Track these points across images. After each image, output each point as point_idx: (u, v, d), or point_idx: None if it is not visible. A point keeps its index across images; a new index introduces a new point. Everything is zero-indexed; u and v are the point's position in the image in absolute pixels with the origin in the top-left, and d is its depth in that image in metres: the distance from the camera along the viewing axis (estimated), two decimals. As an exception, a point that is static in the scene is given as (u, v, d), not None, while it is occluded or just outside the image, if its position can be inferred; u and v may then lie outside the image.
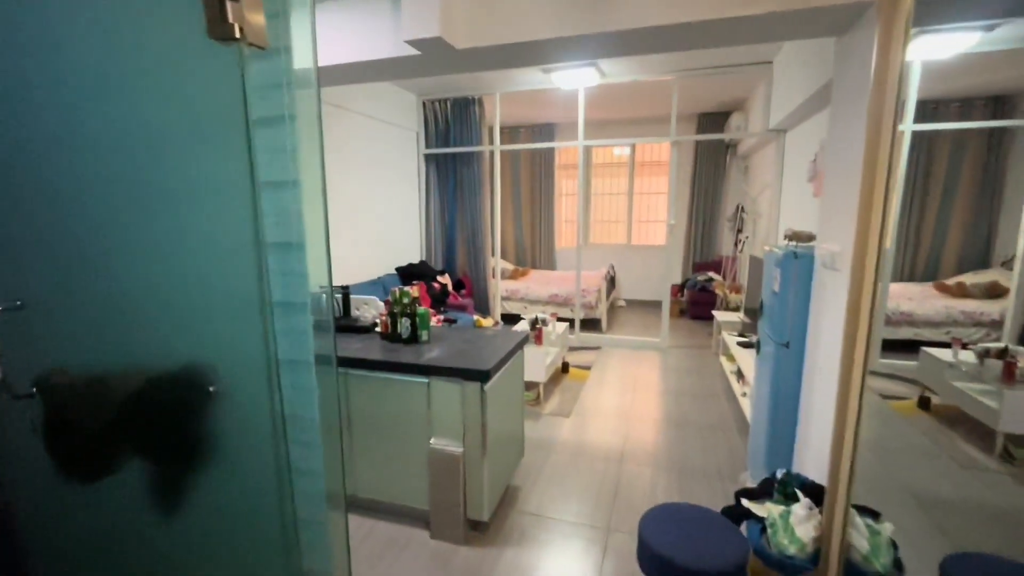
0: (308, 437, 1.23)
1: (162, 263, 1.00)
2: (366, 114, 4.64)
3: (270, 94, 1.07)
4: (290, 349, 1.19)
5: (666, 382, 4.17)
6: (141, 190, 1.06)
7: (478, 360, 2.10)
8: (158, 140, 0.95)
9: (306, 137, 1.14)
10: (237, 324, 1.03)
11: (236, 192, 0.95)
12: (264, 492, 1.12)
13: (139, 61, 1.03)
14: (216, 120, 0.94)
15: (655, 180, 7.37)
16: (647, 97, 5.71)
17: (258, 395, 1.09)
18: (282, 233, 1.12)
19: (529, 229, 7.68)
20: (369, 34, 2.21)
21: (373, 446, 2.24)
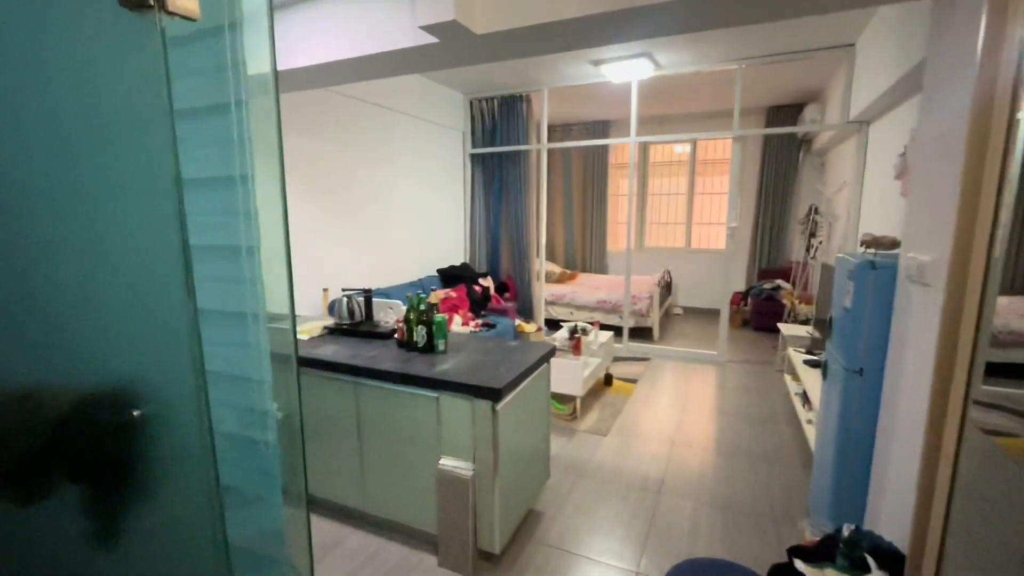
0: (263, 463, 1.09)
1: (69, 269, 0.86)
2: (411, 114, 4.59)
3: (212, 77, 0.94)
4: (239, 365, 1.05)
5: (721, 401, 3.78)
6: (37, 187, 0.90)
7: (491, 376, 1.91)
8: (61, 131, 0.83)
9: (262, 128, 1.00)
10: (165, 339, 0.91)
11: (158, 190, 0.82)
12: (201, 528, 0.99)
13: (32, 32, 0.87)
14: (134, 107, 0.82)
15: (719, 180, 6.86)
16: (710, 90, 5.28)
17: (191, 419, 0.96)
18: (226, 236, 0.98)
19: (580, 231, 7.40)
20: (385, 24, 2.09)
21: (383, 461, 2.11)
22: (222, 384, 1.07)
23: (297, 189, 3.51)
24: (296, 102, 3.42)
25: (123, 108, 0.83)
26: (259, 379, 1.05)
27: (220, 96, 0.93)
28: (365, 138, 4.09)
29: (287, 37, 2.38)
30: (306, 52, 2.33)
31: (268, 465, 1.08)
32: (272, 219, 1.02)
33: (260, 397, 1.06)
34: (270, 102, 0.99)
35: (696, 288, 6.94)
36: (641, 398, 3.85)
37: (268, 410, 1.06)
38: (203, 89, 0.94)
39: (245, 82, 0.95)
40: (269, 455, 1.08)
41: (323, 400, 2.20)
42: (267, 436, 1.07)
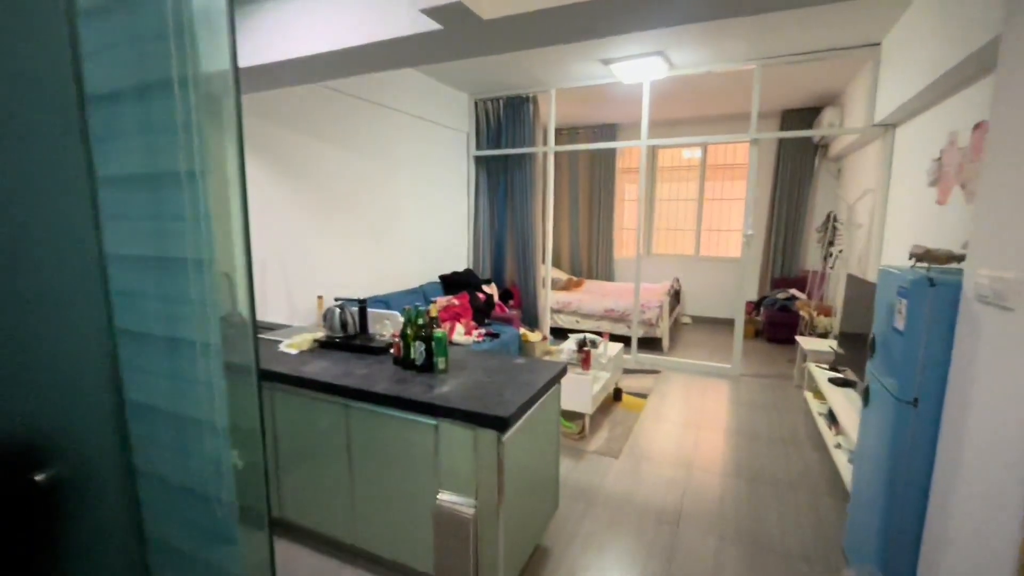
0: (216, 525, 0.88)
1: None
2: (414, 114, 4.40)
3: (146, 49, 0.74)
4: (184, 403, 0.85)
5: (737, 419, 3.57)
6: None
7: (497, 402, 1.70)
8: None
9: (216, 112, 0.80)
10: (76, 376, 0.71)
11: (68, 189, 0.63)
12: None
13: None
14: (38, 87, 0.62)
15: (728, 185, 6.66)
16: (722, 92, 5.08)
17: (111, 484, 0.76)
18: (167, 245, 0.78)
19: (586, 237, 7.19)
20: (383, 9, 1.89)
21: (376, 492, 1.90)
22: (164, 425, 0.87)
23: (292, 190, 3.32)
24: (291, 99, 3.24)
25: (28, 88, 0.63)
26: (209, 421, 0.85)
27: (157, 71, 0.73)
28: (366, 138, 3.91)
29: (275, 27, 2.19)
30: (296, 43, 2.14)
31: (222, 527, 0.87)
32: (227, 224, 0.82)
33: (211, 443, 0.85)
34: (226, 80, 0.78)
35: (706, 297, 6.72)
36: (652, 414, 3.63)
37: (221, 459, 0.86)
38: (134, 65, 0.74)
39: (193, 54, 0.75)
40: (224, 515, 0.88)
41: (311, 422, 2.00)
42: (220, 492, 0.87)
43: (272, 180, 3.18)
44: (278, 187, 3.23)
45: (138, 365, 0.83)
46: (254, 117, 3.03)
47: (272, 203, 3.20)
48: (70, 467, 0.65)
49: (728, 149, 6.60)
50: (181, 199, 0.78)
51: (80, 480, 0.66)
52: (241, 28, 2.29)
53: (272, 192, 3.19)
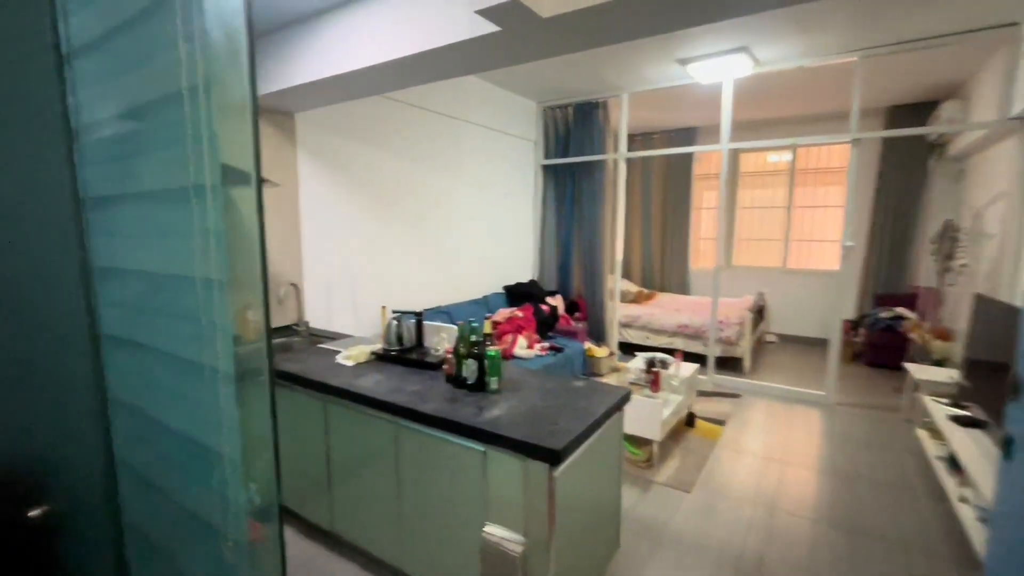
0: (226, 570, 0.82)
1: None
2: (480, 123, 4.38)
3: (157, 63, 0.69)
4: (194, 425, 0.79)
5: (832, 455, 3.14)
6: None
7: (550, 431, 1.55)
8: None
9: (229, 120, 0.74)
10: (70, 411, 0.67)
11: (52, 202, 0.59)
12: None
13: None
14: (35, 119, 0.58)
15: (823, 191, 6.04)
16: (814, 88, 4.62)
17: (97, 519, 0.71)
18: (174, 262, 0.73)
19: (659, 247, 6.84)
20: (439, 16, 1.84)
21: (424, 516, 1.82)
22: (178, 449, 0.82)
23: (358, 202, 3.39)
24: (358, 113, 3.31)
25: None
26: (217, 450, 0.78)
27: (170, 85, 0.68)
28: (430, 149, 3.93)
29: (335, 42, 2.21)
30: (357, 56, 2.14)
31: (232, 571, 0.80)
32: (245, 243, 0.76)
33: (221, 474, 0.79)
34: (243, 90, 0.72)
35: (794, 314, 6.12)
36: (730, 444, 3.29)
37: (233, 495, 0.79)
38: (146, 79, 0.70)
39: (205, 53, 0.69)
40: (237, 558, 0.81)
41: (362, 437, 1.96)
42: (237, 530, 0.80)
43: (339, 192, 3.26)
44: (345, 199, 3.31)
45: (136, 388, 0.79)
46: (321, 131, 3.12)
47: (339, 214, 3.28)
48: (62, 503, 0.62)
49: (822, 152, 6.00)
50: (187, 214, 0.72)
51: (72, 516, 0.62)
52: (303, 44, 2.34)
53: (339, 204, 3.27)
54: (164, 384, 0.86)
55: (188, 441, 0.83)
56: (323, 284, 3.22)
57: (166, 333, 0.83)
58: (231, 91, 0.74)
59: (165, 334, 0.83)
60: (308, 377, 2.10)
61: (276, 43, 2.46)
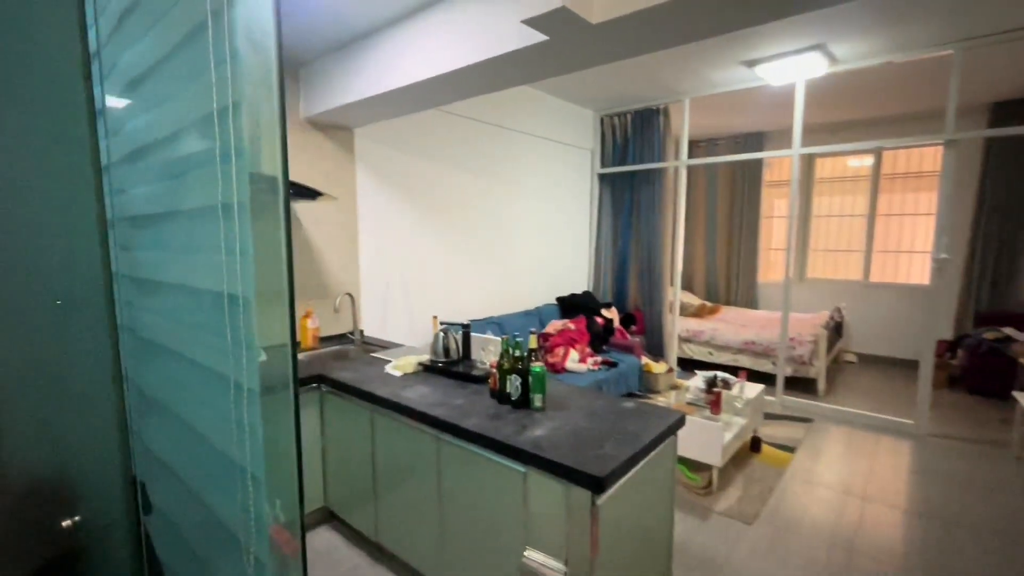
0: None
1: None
2: (535, 134, 4.36)
3: (190, 86, 0.70)
4: (221, 436, 0.79)
5: (924, 494, 2.79)
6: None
7: (594, 456, 1.47)
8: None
9: (260, 135, 0.74)
10: (97, 421, 0.69)
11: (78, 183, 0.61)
12: None
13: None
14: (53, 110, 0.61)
15: (912, 197, 5.50)
16: (901, 86, 4.22)
17: (130, 533, 0.72)
18: (202, 277, 0.73)
19: (724, 258, 6.50)
20: (487, 29, 1.82)
21: (465, 534, 1.78)
22: (206, 458, 0.82)
23: (412, 213, 3.46)
24: (411, 126, 3.38)
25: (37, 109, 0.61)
26: (240, 462, 0.78)
27: (201, 107, 0.69)
28: (484, 161, 3.95)
29: (389, 58, 2.26)
30: (408, 71, 2.18)
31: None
32: (270, 256, 0.75)
33: (244, 487, 0.78)
34: (271, 97, 0.72)
35: (877, 331, 5.58)
36: (801, 474, 3.02)
37: (256, 509, 0.78)
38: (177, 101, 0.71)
39: (235, 74, 0.70)
40: (258, 573, 0.80)
41: (406, 449, 1.96)
42: (259, 545, 0.79)
43: (395, 204, 3.34)
44: (401, 211, 3.38)
45: (190, 395, 0.80)
46: (378, 145, 3.21)
47: (395, 226, 3.35)
48: (92, 513, 0.63)
49: (911, 155, 5.47)
50: (218, 231, 0.73)
51: (100, 525, 0.64)
52: (359, 62, 2.42)
53: (395, 215, 3.35)
54: (193, 392, 0.87)
55: (214, 451, 0.84)
56: (379, 294, 3.30)
57: (195, 343, 0.84)
58: (261, 109, 0.74)
59: (194, 344, 0.85)
60: (357, 386, 2.13)
61: (335, 62, 2.56)
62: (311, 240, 2.89)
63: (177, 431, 0.97)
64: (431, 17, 2.07)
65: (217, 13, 0.73)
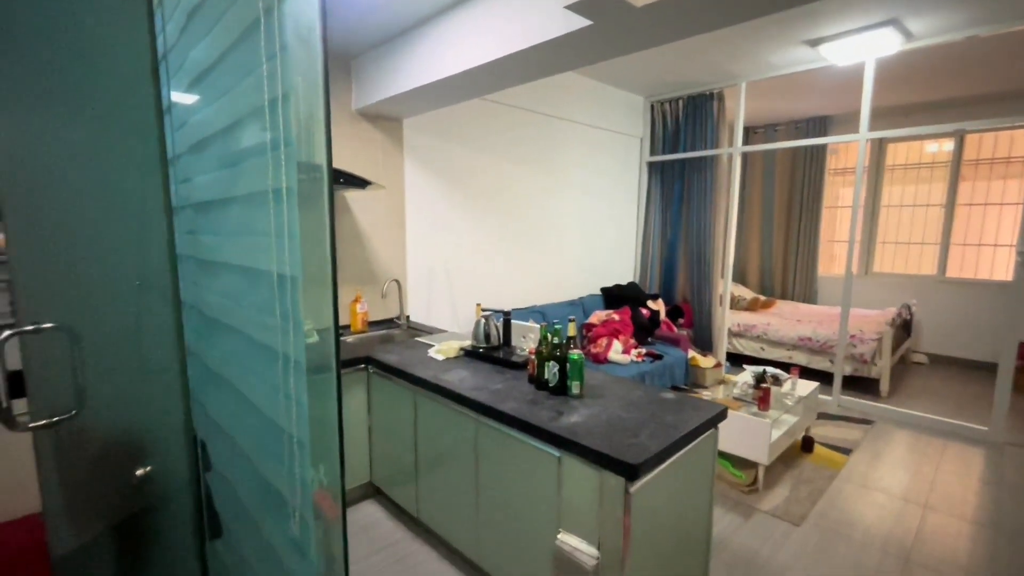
0: (296, 543, 0.88)
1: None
2: (582, 122, 4.31)
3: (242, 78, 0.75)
4: (272, 408, 0.85)
5: (996, 507, 2.59)
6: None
7: (629, 444, 1.46)
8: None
9: (306, 124, 0.79)
10: (164, 386, 0.76)
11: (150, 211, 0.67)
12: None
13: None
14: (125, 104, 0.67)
15: (998, 185, 5.03)
16: (985, 63, 3.84)
17: (190, 486, 0.79)
18: (254, 257, 0.79)
19: (781, 249, 6.19)
20: (531, 15, 1.82)
21: (500, 514, 1.83)
22: (258, 425, 0.90)
23: (458, 202, 3.51)
24: (458, 116, 3.42)
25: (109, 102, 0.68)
26: (288, 432, 0.84)
27: (253, 100, 0.75)
28: (531, 150, 3.95)
29: (435, 49, 2.30)
30: (454, 60, 2.21)
31: (298, 542, 0.86)
32: (316, 238, 0.81)
33: (291, 453, 0.85)
34: (316, 97, 0.76)
35: (952, 331, 5.17)
36: (856, 477, 2.87)
37: (301, 473, 0.85)
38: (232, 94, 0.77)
39: (284, 67, 0.75)
40: (303, 531, 0.87)
41: (446, 430, 2.03)
42: (304, 505, 0.86)
43: (442, 193, 3.41)
44: (447, 200, 3.45)
45: (244, 368, 0.87)
46: (426, 135, 3.28)
47: (441, 215, 3.42)
48: (161, 465, 0.72)
49: (999, 138, 4.99)
50: (266, 213, 0.78)
51: (168, 476, 0.72)
52: (407, 53, 2.47)
53: (441, 204, 3.42)
54: (247, 365, 0.95)
55: (265, 419, 0.92)
56: (424, 281, 3.39)
57: (248, 320, 0.91)
58: (308, 101, 0.79)
59: (247, 321, 0.92)
60: (401, 368, 2.22)
61: (383, 55, 2.64)
62: (360, 227, 3.01)
63: (233, 399, 1.06)
64: (475, 7, 2.09)
65: (269, 10, 0.78)
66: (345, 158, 2.88)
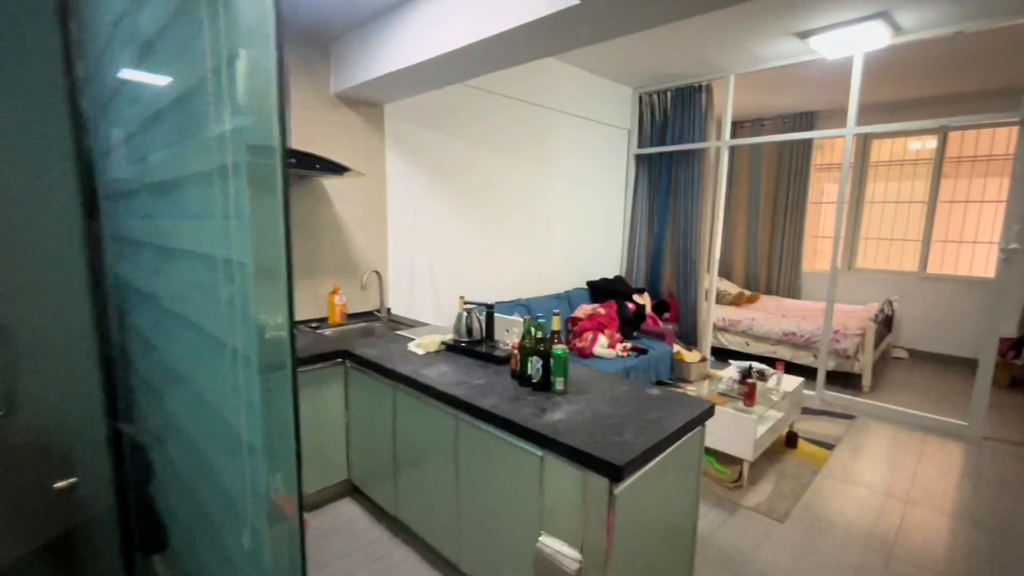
0: (248, 559, 0.80)
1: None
2: (569, 112, 4.23)
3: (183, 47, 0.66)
4: (221, 400, 0.77)
5: (976, 501, 2.61)
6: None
7: (613, 442, 1.41)
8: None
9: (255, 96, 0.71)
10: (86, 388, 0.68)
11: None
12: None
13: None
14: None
15: (978, 183, 5.08)
16: (971, 60, 3.85)
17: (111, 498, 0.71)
18: (199, 240, 0.71)
19: (766, 244, 6.21)
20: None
21: (481, 515, 1.76)
22: (209, 424, 0.81)
23: (442, 192, 3.42)
24: (443, 103, 3.32)
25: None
26: (240, 434, 0.76)
27: (195, 72, 0.66)
28: (517, 139, 3.86)
29: (418, 29, 2.20)
30: (437, 41, 2.11)
31: (251, 557, 0.79)
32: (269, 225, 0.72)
33: (242, 456, 0.77)
34: (269, 69, 0.68)
35: (932, 326, 5.23)
36: (839, 472, 2.87)
37: (253, 480, 0.77)
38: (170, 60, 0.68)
39: (229, 31, 0.66)
40: (256, 543, 0.79)
41: (425, 427, 1.96)
42: (257, 516, 0.78)
43: (425, 182, 3.31)
44: (431, 189, 3.35)
45: (191, 357, 0.79)
46: (408, 122, 3.18)
47: (424, 204, 3.33)
48: (86, 477, 0.63)
49: (980, 136, 5.04)
50: (214, 198, 0.70)
51: (94, 486, 0.64)
52: (388, 33, 2.37)
53: (424, 194, 3.32)
54: (201, 361, 0.86)
55: (219, 421, 0.83)
56: (406, 272, 3.30)
57: (201, 312, 0.83)
58: (258, 66, 0.70)
59: (201, 313, 0.83)
60: (379, 363, 2.13)
61: (365, 35, 2.53)
62: (340, 216, 2.90)
63: (188, 399, 0.97)
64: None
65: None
66: (322, 144, 2.77)
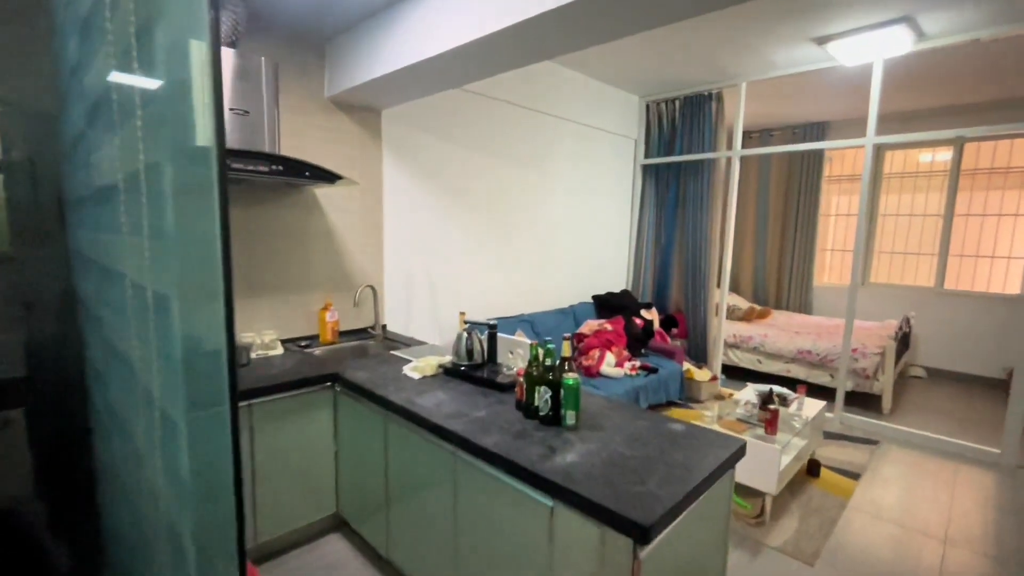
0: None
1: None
2: (575, 120, 4.07)
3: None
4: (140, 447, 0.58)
5: (1021, 542, 2.39)
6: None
7: (636, 493, 1.21)
8: None
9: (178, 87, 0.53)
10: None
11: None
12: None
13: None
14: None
15: (997, 195, 4.91)
16: (990, 67, 3.70)
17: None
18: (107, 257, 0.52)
19: (776, 258, 6.03)
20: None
21: (480, 566, 1.56)
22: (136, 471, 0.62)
23: (442, 203, 3.25)
24: (443, 110, 3.16)
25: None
26: (158, 483, 0.57)
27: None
28: (521, 149, 3.70)
29: (414, 28, 2.04)
30: (435, 40, 1.95)
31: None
32: (201, 241, 0.54)
33: (167, 514, 0.58)
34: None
35: (951, 345, 5.03)
36: (867, 505, 2.65)
37: (173, 523, 0.57)
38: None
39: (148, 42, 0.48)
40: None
41: (420, 463, 1.76)
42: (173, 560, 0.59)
43: (424, 193, 3.14)
44: (430, 200, 3.18)
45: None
46: (407, 130, 3.02)
47: (423, 216, 3.15)
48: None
49: (997, 149, 4.88)
50: (135, 210, 0.52)
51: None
52: (384, 34, 2.21)
53: (424, 204, 3.15)
54: (125, 399, 0.68)
55: (144, 467, 0.65)
56: (404, 287, 3.11)
57: (127, 342, 0.65)
58: (179, 48, 0.53)
59: (127, 343, 0.65)
60: (371, 389, 1.94)
61: (362, 34, 2.37)
62: (332, 227, 2.73)
63: (121, 442, 0.79)
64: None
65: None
66: (314, 150, 2.60)
